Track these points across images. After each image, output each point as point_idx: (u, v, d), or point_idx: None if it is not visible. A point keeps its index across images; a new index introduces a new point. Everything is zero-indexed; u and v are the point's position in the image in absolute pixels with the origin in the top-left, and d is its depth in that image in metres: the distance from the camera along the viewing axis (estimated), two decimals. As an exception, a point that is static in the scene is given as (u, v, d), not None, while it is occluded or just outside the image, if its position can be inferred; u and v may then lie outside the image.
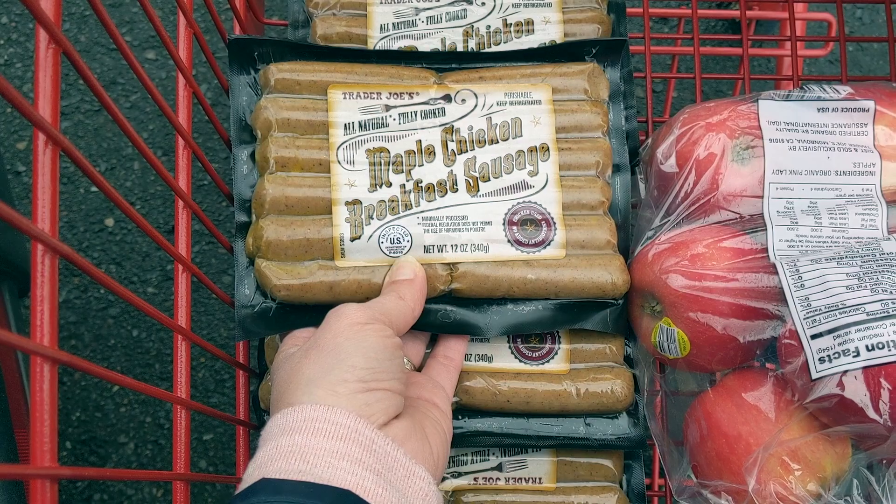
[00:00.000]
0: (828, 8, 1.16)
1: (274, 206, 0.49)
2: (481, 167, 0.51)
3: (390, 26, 0.53)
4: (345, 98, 0.51)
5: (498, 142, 0.51)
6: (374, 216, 0.49)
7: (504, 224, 0.50)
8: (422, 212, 0.50)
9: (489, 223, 0.50)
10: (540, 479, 0.52)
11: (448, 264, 0.50)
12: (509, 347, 0.51)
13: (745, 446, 0.47)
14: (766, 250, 0.49)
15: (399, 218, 0.49)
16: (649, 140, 0.56)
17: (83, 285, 1.18)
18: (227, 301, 0.49)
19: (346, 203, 0.49)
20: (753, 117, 0.52)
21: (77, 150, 0.29)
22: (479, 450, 0.52)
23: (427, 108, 0.51)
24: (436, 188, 0.50)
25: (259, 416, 0.50)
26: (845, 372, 0.42)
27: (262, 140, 0.50)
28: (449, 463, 0.51)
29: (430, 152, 0.51)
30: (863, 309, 0.43)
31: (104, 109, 1.21)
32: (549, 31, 0.55)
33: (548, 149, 0.52)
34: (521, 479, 0.52)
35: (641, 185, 0.55)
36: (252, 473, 0.37)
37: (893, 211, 0.50)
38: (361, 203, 0.49)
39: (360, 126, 0.51)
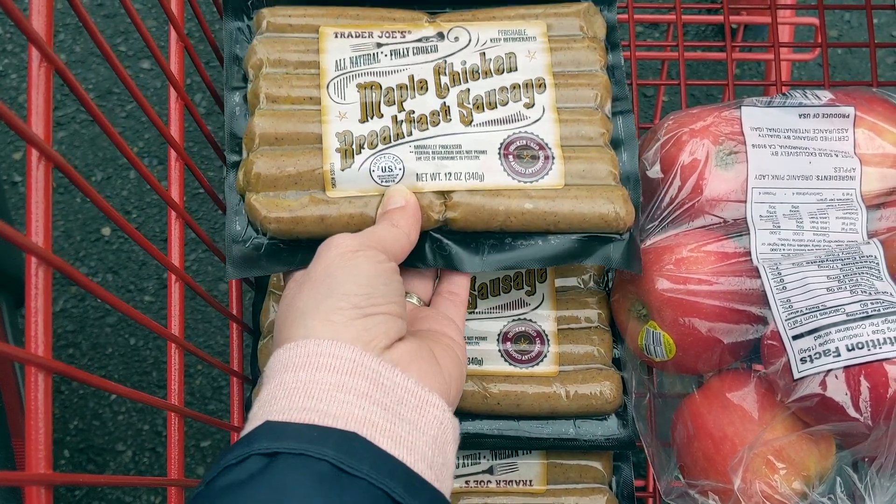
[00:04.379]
0: (816, 11, 1.17)
1: (264, 139, 0.49)
2: (475, 98, 0.50)
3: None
4: (336, 37, 0.51)
5: (492, 75, 0.51)
6: (366, 145, 0.48)
7: (500, 153, 0.49)
8: (414, 140, 0.49)
9: (484, 152, 0.49)
10: (530, 481, 0.52)
11: (442, 193, 0.48)
12: (499, 351, 0.52)
13: (730, 446, 0.48)
14: (749, 254, 0.49)
15: (390, 147, 0.49)
16: (635, 146, 0.57)
17: (80, 294, 1.19)
18: (222, 311, 0.50)
19: (337, 134, 0.49)
20: (736, 123, 0.53)
21: (69, 165, 0.30)
22: (470, 453, 0.52)
23: (419, 45, 0.52)
24: (428, 118, 0.50)
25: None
26: (827, 372, 0.43)
27: (254, 79, 0.51)
28: (441, 466, 0.52)
29: (423, 86, 0.50)
30: (842, 310, 0.44)
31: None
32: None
33: (543, 83, 0.51)
34: (511, 481, 0.52)
35: (628, 191, 0.56)
36: (256, 413, 0.36)
37: (873, 215, 0.51)
38: (352, 133, 0.49)
39: (352, 62, 0.51)
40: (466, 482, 0.52)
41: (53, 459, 0.28)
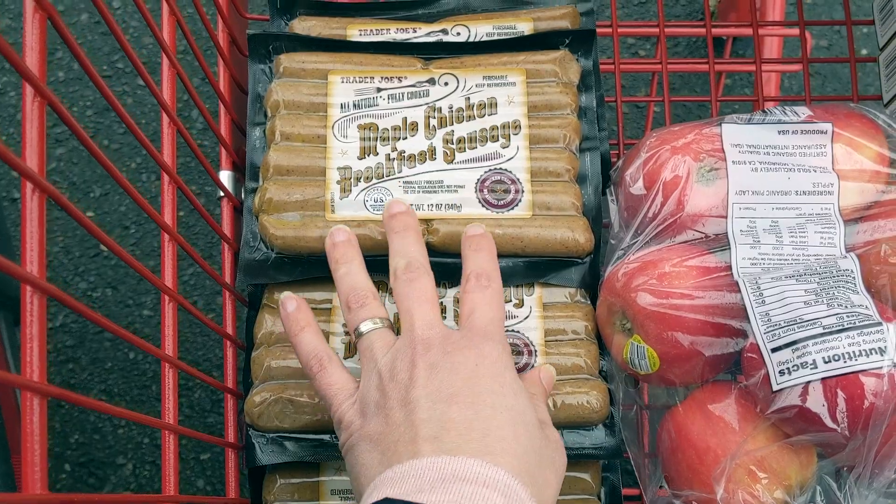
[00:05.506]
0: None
1: (277, 170, 0.56)
2: (458, 140, 0.57)
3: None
4: (342, 82, 0.58)
5: (475, 118, 0.57)
6: (362, 179, 0.56)
7: (476, 188, 0.56)
8: (403, 177, 0.56)
9: (462, 186, 0.56)
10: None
11: (425, 220, 0.55)
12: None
13: (713, 457, 0.49)
14: (730, 268, 0.51)
15: (383, 181, 0.56)
16: (620, 162, 0.58)
17: (80, 309, 1.20)
18: (215, 329, 0.51)
19: (339, 168, 0.56)
20: (717, 140, 0.54)
21: (62, 194, 0.31)
22: (460, 465, 0.53)
23: (413, 89, 0.58)
24: (416, 157, 0.56)
25: (244, 435, 0.52)
26: (805, 384, 0.44)
27: (272, 118, 0.58)
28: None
29: (414, 127, 0.57)
30: (819, 323, 0.45)
31: (98, 135, 1.24)
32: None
33: (519, 124, 0.57)
34: (501, 493, 0.53)
35: (612, 206, 0.57)
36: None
37: (850, 229, 0.52)
38: (351, 168, 0.56)
39: (355, 105, 0.58)
40: (457, 494, 0.53)
41: (55, 474, 0.29)
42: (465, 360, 0.44)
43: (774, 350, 0.46)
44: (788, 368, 0.45)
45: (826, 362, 0.44)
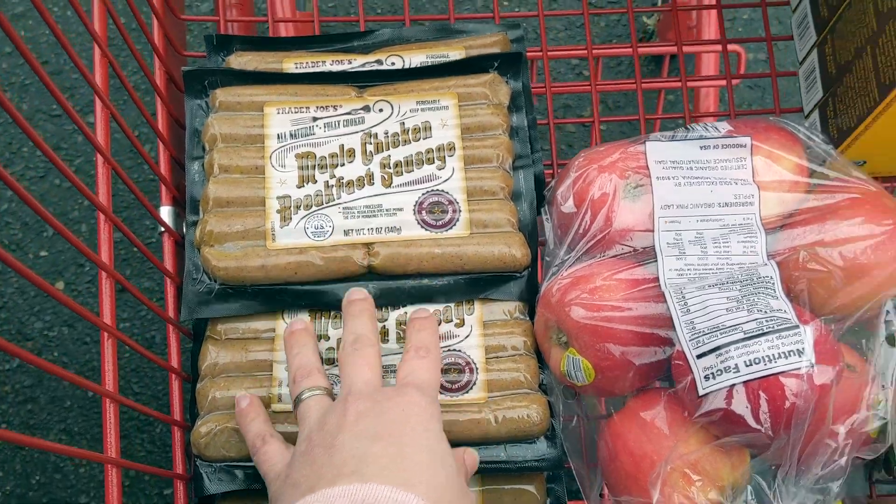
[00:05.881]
0: (741, 37, 1.22)
1: (217, 202, 0.57)
2: (395, 163, 0.58)
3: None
4: (278, 113, 0.60)
5: (410, 142, 0.59)
6: (302, 207, 0.57)
7: (415, 210, 0.57)
8: (342, 203, 0.57)
9: (401, 209, 0.57)
10: (468, 508, 0.54)
11: (365, 244, 0.56)
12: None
13: (649, 463, 0.50)
14: (657, 280, 0.53)
15: (322, 208, 0.57)
16: (553, 182, 0.60)
17: (37, 349, 1.19)
18: (160, 363, 0.52)
19: (278, 197, 0.57)
20: (642, 158, 0.57)
21: (5, 251, 0.32)
22: (408, 485, 0.54)
23: (349, 117, 0.60)
24: (355, 183, 0.58)
25: (191, 464, 0.53)
26: (729, 387, 0.46)
27: (209, 151, 0.59)
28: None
29: (351, 154, 0.58)
30: (740, 328, 0.47)
31: (49, 175, 1.24)
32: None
33: (454, 146, 0.59)
34: (449, 509, 0.54)
35: (547, 225, 0.59)
36: None
37: (772, 237, 0.54)
38: (291, 197, 0.57)
39: (291, 135, 0.59)
40: (406, 513, 0.54)
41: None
42: (394, 406, 0.46)
43: (699, 356, 0.48)
44: (713, 373, 0.47)
45: (748, 366, 0.46)
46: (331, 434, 0.44)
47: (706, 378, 0.47)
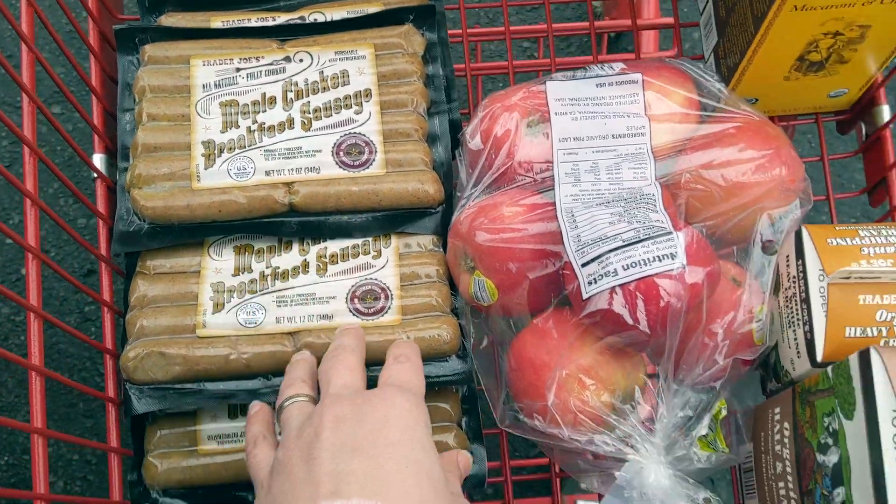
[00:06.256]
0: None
1: (145, 148, 0.60)
2: (315, 109, 0.62)
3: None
4: (204, 65, 0.64)
5: (329, 89, 0.63)
6: (225, 151, 0.61)
7: (333, 151, 0.61)
8: (264, 146, 0.61)
9: (320, 151, 0.61)
10: (385, 426, 0.58)
11: (286, 184, 0.60)
12: (347, 308, 0.58)
13: (548, 371, 0.54)
14: (554, 205, 0.56)
15: (245, 151, 0.61)
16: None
17: (3, 334, 1.22)
18: (89, 293, 0.55)
19: (203, 142, 0.61)
20: (542, 97, 0.61)
21: None
22: (329, 405, 0.58)
23: (271, 67, 0.64)
24: (276, 127, 0.61)
25: (122, 390, 0.56)
26: (609, 290, 0.50)
27: (139, 102, 0.62)
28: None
29: (272, 101, 0.62)
30: (619, 237, 0.51)
31: (14, 164, 1.27)
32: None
33: (370, 92, 0.63)
34: (368, 427, 0.58)
35: (460, 165, 0.63)
36: None
37: (662, 164, 0.58)
38: (214, 142, 0.61)
39: (216, 85, 0.63)
40: (327, 432, 0.58)
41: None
42: (373, 410, 0.44)
43: (584, 265, 0.51)
44: (595, 278, 0.51)
45: (625, 269, 0.50)
46: (308, 444, 0.43)
47: (589, 283, 0.51)
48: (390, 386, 0.47)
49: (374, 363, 0.57)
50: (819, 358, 0.50)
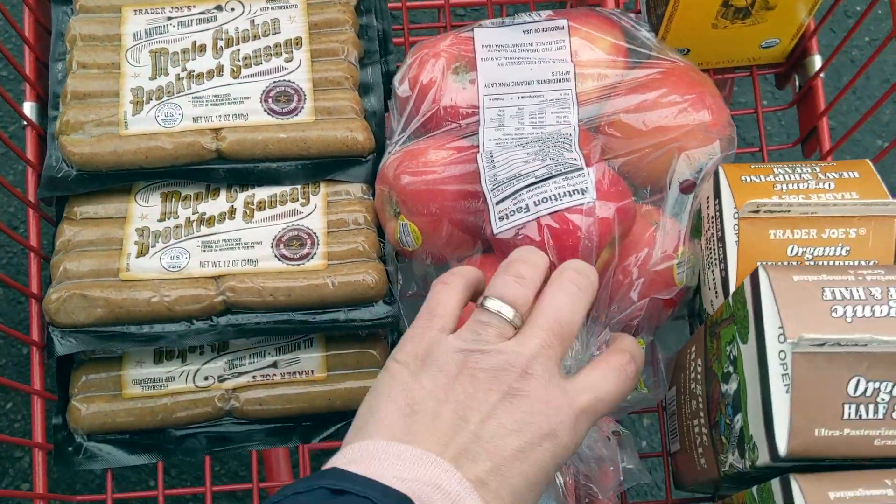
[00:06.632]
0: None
1: (75, 95, 0.61)
2: (244, 57, 0.63)
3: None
4: (135, 14, 0.64)
5: (259, 38, 0.64)
6: (154, 98, 0.61)
7: (261, 98, 0.61)
8: (192, 93, 0.61)
9: (248, 98, 0.61)
10: (312, 371, 0.58)
11: (213, 130, 0.60)
12: (273, 253, 0.58)
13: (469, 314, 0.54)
14: (477, 148, 0.57)
15: (173, 98, 0.61)
16: (396, 76, 0.64)
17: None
18: (17, 239, 0.55)
19: (131, 89, 0.61)
20: (470, 43, 0.61)
21: None
22: (255, 350, 0.58)
23: (202, 16, 0.64)
24: (205, 75, 0.62)
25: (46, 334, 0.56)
26: (522, 225, 0.50)
27: (70, 50, 0.63)
28: (228, 365, 0.58)
29: (202, 49, 0.63)
30: (532, 174, 0.51)
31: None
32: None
33: (301, 41, 0.63)
34: (294, 372, 0.58)
35: (392, 113, 0.63)
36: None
37: (586, 110, 0.58)
38: (143, 89, 0.61)
39: (146, 33, 0.63)
40: (253, 377, 0.58)
41: None
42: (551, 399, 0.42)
43: (498, 202, 0.52)
44: (507, 214, 0.51)
45: (536, 205, 0.50)
46: (480, 413, 0.41)
47: (500, 219, 0.51)
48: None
49: (298, 308, 0.57)
50: (732, 294, 0.50)
